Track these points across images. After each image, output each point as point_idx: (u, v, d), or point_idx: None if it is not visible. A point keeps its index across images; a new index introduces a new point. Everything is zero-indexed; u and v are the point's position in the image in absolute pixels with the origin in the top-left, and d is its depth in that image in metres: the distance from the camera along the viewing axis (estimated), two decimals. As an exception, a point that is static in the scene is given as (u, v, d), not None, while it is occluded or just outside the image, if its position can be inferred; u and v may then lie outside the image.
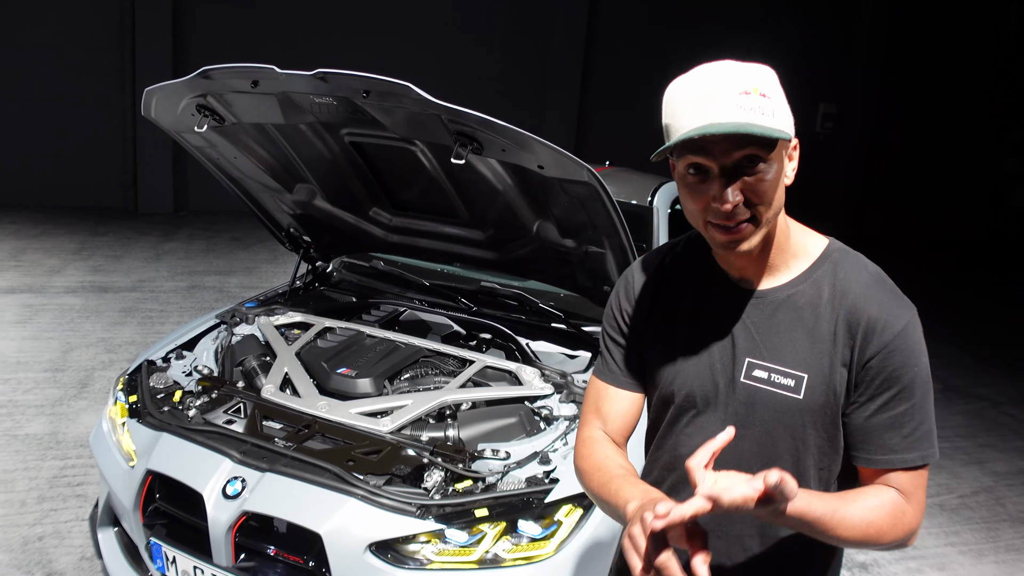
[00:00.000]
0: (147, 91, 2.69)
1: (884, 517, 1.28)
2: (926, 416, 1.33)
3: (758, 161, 1.24)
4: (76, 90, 9.98)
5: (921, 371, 1.33)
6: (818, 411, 1.34)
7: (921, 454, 1.32)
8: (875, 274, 1.39)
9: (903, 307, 1.34)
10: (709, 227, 1.30)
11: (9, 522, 3.46)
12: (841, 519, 1.24)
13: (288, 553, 2.25)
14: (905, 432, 1.32)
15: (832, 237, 1.45)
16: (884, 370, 1.31)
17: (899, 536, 1.30)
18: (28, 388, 4.79)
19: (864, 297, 1.34)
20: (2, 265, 7.30)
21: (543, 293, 3.33)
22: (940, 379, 6.45)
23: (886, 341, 1.30)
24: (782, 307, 1.37)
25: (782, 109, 1.27)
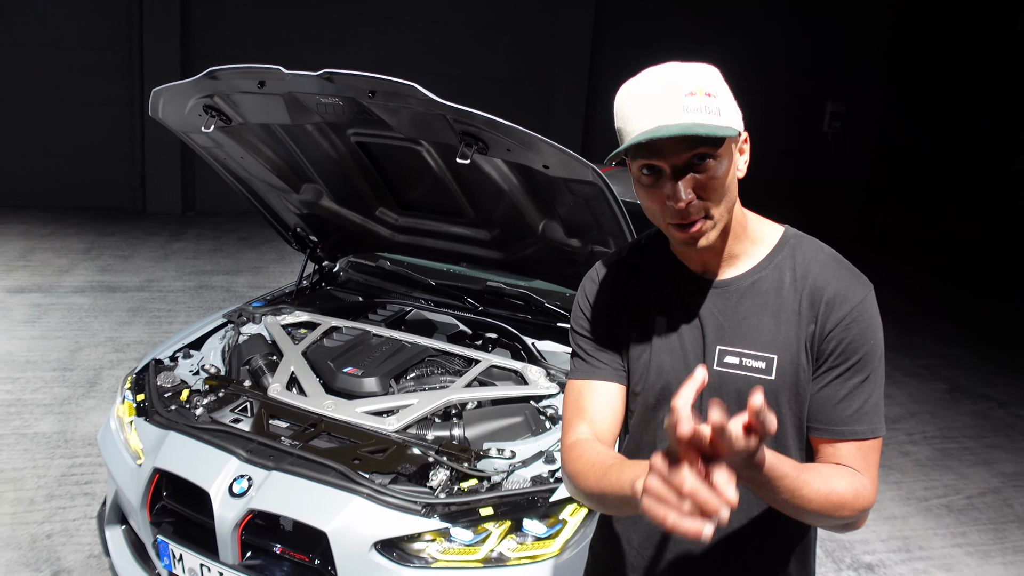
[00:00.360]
0: (155, 92, 2.71)
1: (846, 488, 1.30)
2: (876, 389, 1.37)
3: (707, 158, 1.27)
4: (85, 91, 10.02)
5: (877, 344, 1.37)
6: (790, 389, 1.38)
7: (871, 427, 1.36)
8: (832, 254, 1.43)
9: (861, 283, 1.39)
10: (669, 226, 1.34)
11: (18, 520, 3.48)
12: (805, 481, 1.23)
13: (294, 551, 2.27)
14: (857, 404, 1.36)
15: (787, 224, 1.48)
16: (844, 340, 1.35)
17: (858, 509, 1.32)
18: (37, 387, 4.81)
19: (824, 275, 1.38)
20: (12, 265, 7.33)
21: (549, 293, 3.34)
22: (947, 379, 6.44)
23: (845, 312, 1.35)
24: (747, 294, 1.40)
25: (728, 105, 1.29)
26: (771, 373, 1.38)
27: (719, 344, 1.40)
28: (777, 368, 1.37)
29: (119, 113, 10.20)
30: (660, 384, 1.46)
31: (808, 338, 1.36)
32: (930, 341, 7.48)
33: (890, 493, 4.43)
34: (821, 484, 1.26)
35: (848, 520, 1.34)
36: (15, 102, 9.81)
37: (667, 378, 1.45)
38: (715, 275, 1.43)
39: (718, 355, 1.41)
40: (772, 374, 1.38)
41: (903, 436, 5.23)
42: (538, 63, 11.59)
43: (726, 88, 1.31)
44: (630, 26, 11.67)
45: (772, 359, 1.37)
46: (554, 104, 11.66)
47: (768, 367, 1.38)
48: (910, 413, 5.64)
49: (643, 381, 1.47)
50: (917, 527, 4.10)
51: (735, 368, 1.39)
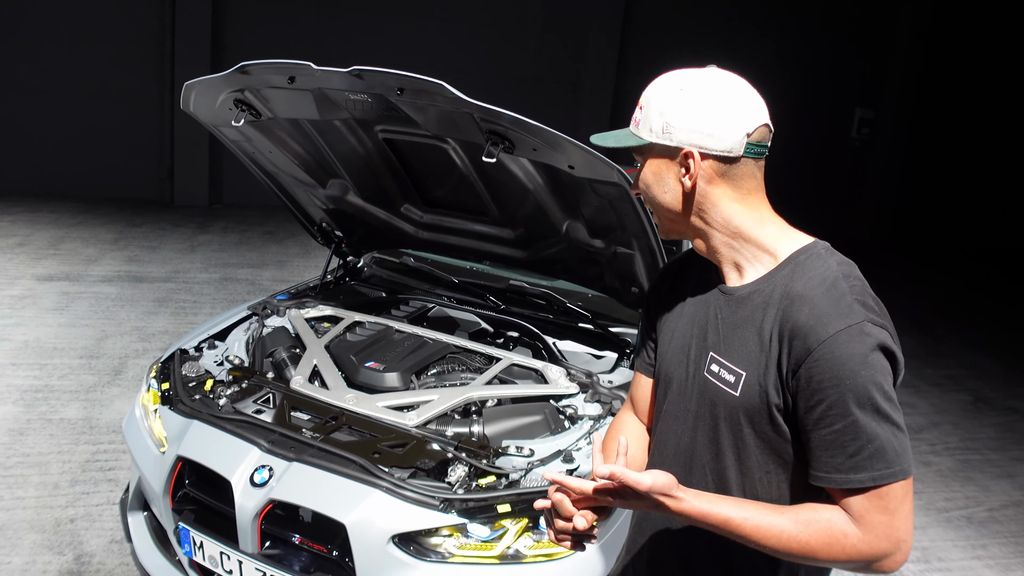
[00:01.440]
0: (186, 85, 2.74)
1: (812, 536, 1.26)
2: (873, 434, 1.24)
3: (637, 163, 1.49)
4: (116, 84, 10.15)
5: (856, 386, 1.23)
6: (753, 411, 1.35)
7: (871, 474, 1.25)
8: (829, 279, 1.31)
9: (840, 315, 1.26)
10: None
11: (43, 504, 3.54)
12: (754, 527, 1.27)
13: (312, 542, 2.29)
14: (849, 451, 1.25)
15: (819, 240, 1.41)
16: (811, 382, 1.26)
17: (839, 557, 1.27)
18: (64, 374, 4.89)
19: (800, 301, 1.30)
20: (41, 253, 7.44)
21: (571, 293, 3.35)
22: (972, 390, 6.37)
23: (810, 348, 1.26)
24: (743, 305, 1.41)
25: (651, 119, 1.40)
26: (736, 389, 1.37)
27: (712, 351, 1.44)
28: (743, 386, 1.36)
29: (150, 106, 10.32)
30: (663, 378, 1.56)
31: (775, 366, 1.31)
32: (956, 351, 7.41)
33: (910, 503, 4.39)
34: (777, 532, 1.27)
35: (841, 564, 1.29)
36: (49, 95, 9.95)
37: (671, 374, 1.53)
38: (727, 282, 1.46)
39: (708, 361, 1.44)
40: (737, 390, 1.37)
41: (925, 446, 5.18)
42: (565, 62, 11.58)
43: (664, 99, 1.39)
44: (658, 26, 11.63)
45: (741, 375, 1.36)
46: (581, 104, 11.64)
47: (736, 382, 1.37)
48: (932, 423, 5.59)
49: (659, 373, 1.59)
50: (936, 538, 4.07)
51: (714, 377, 1.42)
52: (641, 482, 1.25)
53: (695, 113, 1.35)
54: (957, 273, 11.29)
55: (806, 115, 11.98)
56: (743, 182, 1.38)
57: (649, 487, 1.26)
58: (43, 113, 9.98)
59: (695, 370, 1.47)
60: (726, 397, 1.39)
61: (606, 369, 2.94)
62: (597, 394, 2.69)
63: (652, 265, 2.69)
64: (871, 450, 1.24)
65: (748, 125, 1.35)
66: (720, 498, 1.32)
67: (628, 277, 2.92)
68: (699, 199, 1.39)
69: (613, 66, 11.60)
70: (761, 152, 1.38)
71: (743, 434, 1.38)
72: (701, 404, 1.45)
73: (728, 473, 1.41)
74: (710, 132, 1.34)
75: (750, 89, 1.39)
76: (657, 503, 1.28)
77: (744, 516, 1.27)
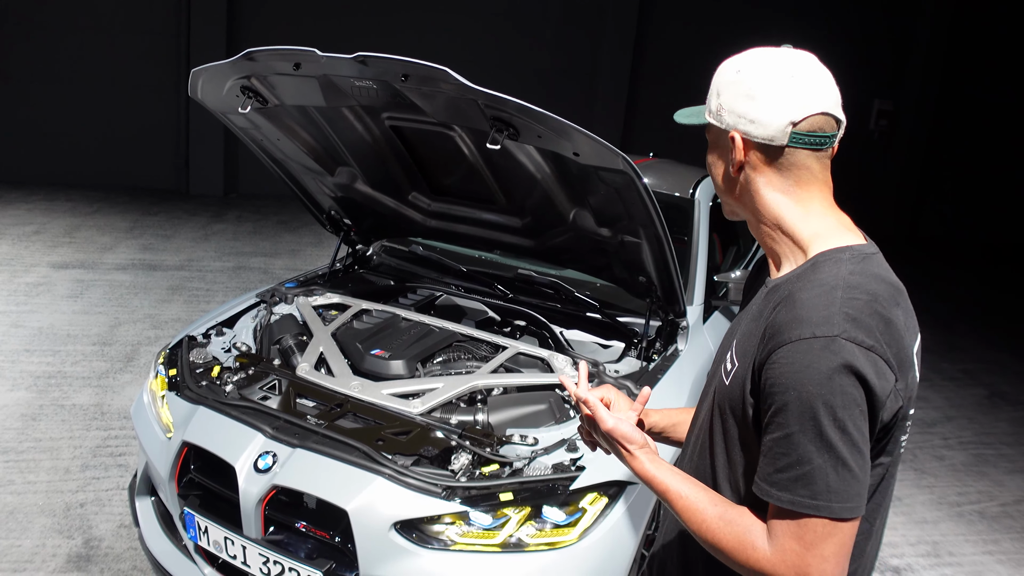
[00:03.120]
0: (194, 72, 2.74)
1: (727, 535, 1.23)
2: (805, 457, 1.14)
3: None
4: (132, 74, 10.20)
5: (801, 399, 1.14)
6: (732, 404, 1.32)
7: (791, 498, 1.16)
8: (828, 285, 1.22)
9: (814, 323, 1.17)
10: None
11: (53, 488, 3.57)
12: (684, 507, 1.30)
13: (315, 528, 2.30)
14: (779, 464, 1.17)
15: (855, 244, 1.32)
16: (766, 383, 1.20)
17: (743, 565, 1.22)
18: (77, 360, 4.92)
19: (788, 302, 1.24)
20: (57, 241, 7.50)
21: (579, 282, 3.34)
22: (988, 385, 6.31)
23: (771, 349, 1.20)
24: (767, 299, 1.37)
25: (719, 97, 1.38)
26: (728, 378, 1.35)
27: (737, 339, 1.41)
28: (732, 377, 1.33)
29: (166, 96, 10.36)
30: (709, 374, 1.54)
31: (753, 362, 1.27)
32: (973, 345, 7.34)
33: (922, 497, 4.36)
34: (699, 519, 1.27)
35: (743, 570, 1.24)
36: (67, 84, 10.01)
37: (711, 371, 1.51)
38: (771, 274, 1.43)
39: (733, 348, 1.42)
40: (728, 380, 1.35)
41: (938, 440, 5.14)
42: (582, 56, 11.53)
43: (734, 80, 1.34)
44: (674, 18, 11.56)
45: (735, 366, 1.33)
46: (596, 96, 11.59)
47: (729, 372, 1.35)
48: (947, 417, 5.54)
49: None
50: (948, 532, 4.04)
51: (721, 365, 1.42)
52: (605, 420, 1.40)
53: (742, 97, 1.31)
54: (975, 267, 11.18)
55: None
56: (792, 172, 1.32)
57: (610, 428, 1.40)
58: (60, 103, 10.04)
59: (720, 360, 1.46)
60: (719, 386, 1.38)
61: (613, 359, 2.93)
62: (603, 383, 2.67)
63: (659, 254, 2.67)
64: (799, 472, 1.15)
65: (794, 114, 1.28)
66: (672, 469, 1.36)
67: (635, 266, 2.90)
68: (743, 184, 1.37)
69: (628, 58, 11.53)
70: (816, 143, 1.30)
71: (727, 426, 1.35)
72: (720, 401, 1.41)
73: (717, 462, 1.38)
74: (752, 118, 1.30)
75: (813, 74, 1.31)
76: (616, 451, 1.41)
77: (680, 491, 1.31)
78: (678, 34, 11.55)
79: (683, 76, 11.03)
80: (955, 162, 12.84)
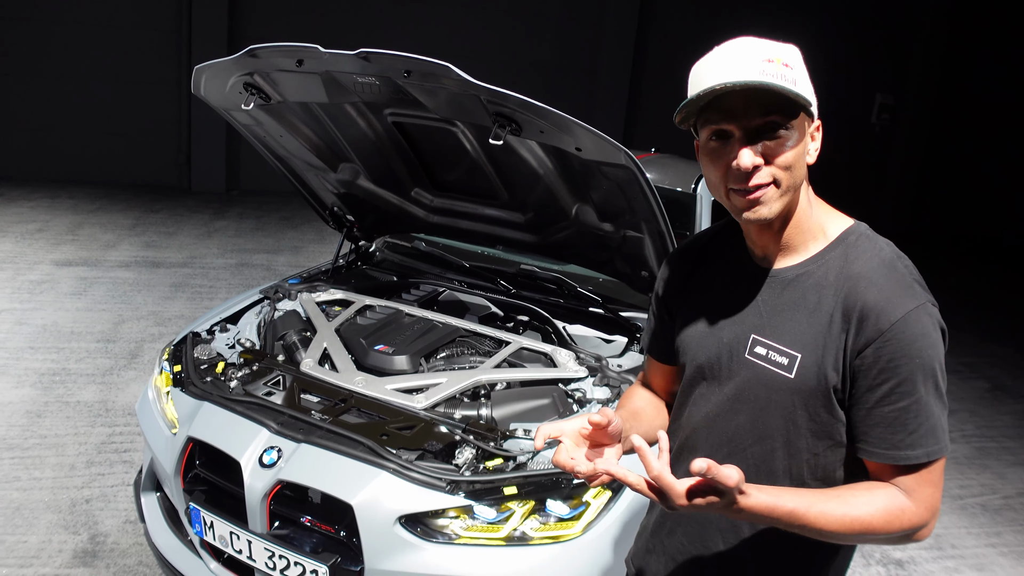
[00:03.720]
0: (197, 69, 2.75)
1: (875, 514, 1.26)
2: (931, 412, 1.28)
3: (779, 128, 1.26)
4: (135, 71, 10.21)
5: (924, 364, 1.27)
6: (809, 393, 1.33)
7: (926, 451, 1.28)
8: (886, 260, 1.33)
9: (906, 296, 1.28)
10: (731, 194, 1.32)
11: (59, 484, 3.58)
12: (819, 514, 1.23)
13: (320, 522, 2.30)
14: (910, 428, 1.27)
15: (859, 221, 1.42)
16: (879, 360, 1.27)
17: (895, 532, 1.28)
18: (81, 357, 4.94)
19: (865, 282, 1.30)
20: (60, 239, 7.51)
21: (582, 277, 3.34)
22: (989, 378, 6.32)
23: (881, 330, 1.26)
24: (790, 286, 1.37)
25: (805, 83, 1.28)
26: (791, 371, 1.34)
27: (754, 333, 1.40)
28: (799, 368, 1.33)
29: (167, 93, 10.37)
30: (696, 364, 1.50)
31: (839, 348, 1.30)
32: (974, 339, 7.34)
33: (924, 490, 4.37)
34: (840, 515, 1.24)
35: (889, 542, 1.31)
36: (68, 80, 10.02)
37: (703, 359, 1.48)
38: (770, 263, 1.42)
39: (751, 344, 1.40)
40: (792, 372, 1.34)
41: (941, 434, 5.14)
42: (582, 49, 11.53)
43: (804, 68, 1.30)
44: (675, 12, 11.55)
45: (796, 357, 1.34)
46: (598, 91, 11.59)
47: (790, 364, 1.34)
48: (949, 411, 5.53)
49: (686, 358, 1.53)
50: (950, 525, 4.05)
51: (761, 360, 1.38)
52: (731, 477, 1.12)
53: (806, 78, 1.31)
54: (977, 260, 11.19)
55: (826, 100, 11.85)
56: None
57: (737, 481, 1.13)
58: (62, 100, 10.05)
59: (732, 353, 1.43)
60: (778, 380, 1.36)
61: (616, 353, 2.94)
62: (606, 378, 2.68)
63: (662, 249, 2.68)
64: (927, 428, 1.28)
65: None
66: (777, 489, 1.25)
67: (638, 261, 2.91)
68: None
69: (630, 52, 11.53)
70: None
71: (795, 416, 1.35)
72: (744, 388, 1.41)
73: (775, 456, 1.38)
74: (813, 100, 1.31)
75: None
76: (731, 502, 1.17)
77: (807, 504, 1.23)
78: (679, 28, 11.55)
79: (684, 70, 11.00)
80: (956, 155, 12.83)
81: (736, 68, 1.23)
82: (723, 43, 1.29)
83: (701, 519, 1.50)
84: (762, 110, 1.24)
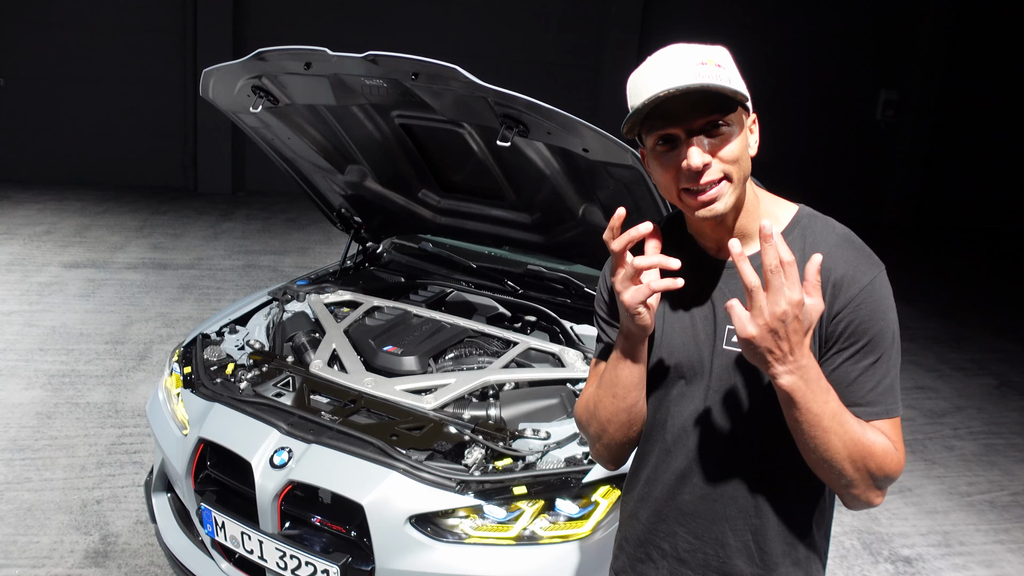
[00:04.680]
0: (205, 72, 2.76)
1: (876, 443, 1.32)
2: (891, 370, 1.37)
3: (721, 125, 1.31)
4: (140, 72, 10.24)
5: (888, 325, 1.37)
6: None
7: (886, 407, 1.37)
8: (843, 234, 1.43)
9: (870, 264, 1.38)
10: (683, 195, 1.36)
11: (70, 485, 3.61)
12: (845, 418, 1.30)
13: (331, 523, 2.32)
14: (870, 385, 1.36)
15: (801, 204, 1.49)
16: (852, 323, 1.35)
17: (880, 471, 1.33)
18: (90, 359, 4.97)
19: (832, 256, 1.37)
20: (68, 241, 7.55)
21: (588, 277, 3.35)
22: (997, 375, 6.31)
23: (853, 295, 1.35)
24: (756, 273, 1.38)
25: (738, 80, 1.33)
26: None
27: (728, 323, 1.42)
28: None
29: (173, 94, 10.40)
30: (673, 363, 1.50)
31: (821, 321, 1.36)
32: (981, 335, 7.33)
33: (932, 487, 4.38)
34: (858, 428, 1.31)
35: (866, 479, 1.33)
36: (75, 83, 10.06)
37: (678, 357, 1.49)
38: (727, 255, 1.45)
39: (727, 334, 1.44)
40: None
41: (948, 430, 5.15)
42: (586, 48, 11.52)
43: (735, 66, 1.35)
44: (679, 9, 11.54)
45: None
46: (601, 90, 11.58)
47: None
48: (956, 408, 5.55)
49: (657, 360, 1.52)
50: (959, 522, 4.05)
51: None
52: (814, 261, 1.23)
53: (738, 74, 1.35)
54: (982, 256, 11.16)
55: (830, 97, 11.86)
56: None
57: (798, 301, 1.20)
58: (69, 102, 10.09)
59: (711, 347, 1.45)
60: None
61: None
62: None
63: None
64: (886, 384, 1.37)
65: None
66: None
67: (645, 261, 2.91)
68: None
69: (633, 52, 11.52)
70: None
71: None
72: (731, 378, 1.44)
73: (772, 435, 1.41)
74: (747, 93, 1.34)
75: None
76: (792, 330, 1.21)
77: (839, 403, 1.30)
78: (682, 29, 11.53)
79: (689, 69, 10.98)
80: (961, 151, 12.80)
81: (673, 74, 1.28)
82: (655, 52, 1.35)
83: (707, 513, 1.51)
84: (703, 110, 1.30)
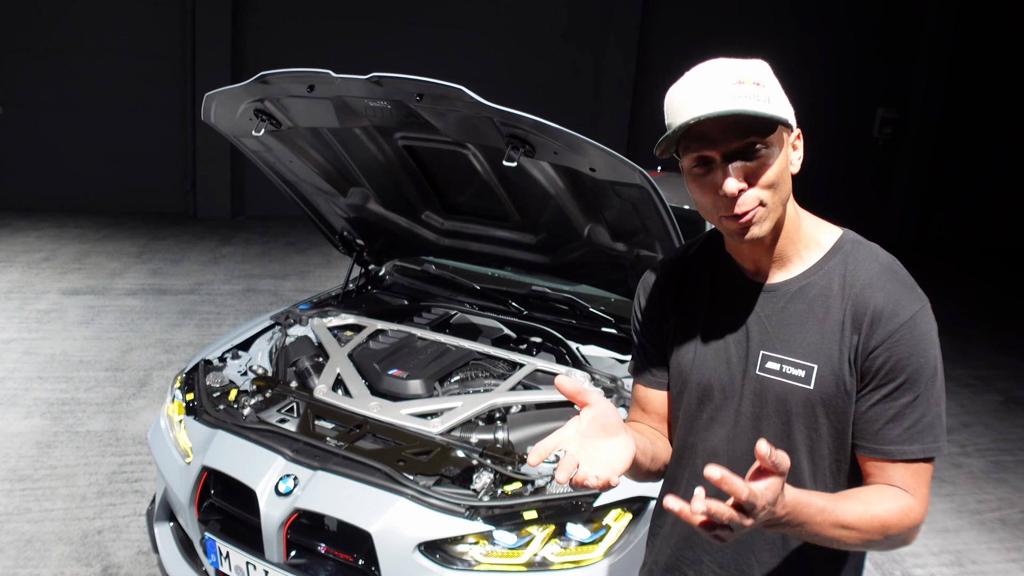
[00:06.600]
0: (207, 96, 2.75)
1: (890, 511, 1.28)
2: (930, 408, 1.32)
3: (758, 147, 1.27)
4: (139, 98, 10.26)
5: (928, 362, 1.31)
6: (829, 401, 1.35)
7: (923, 447, 1.31)
8: (886, 264, 1.37)
9: (912, 297, 1.33)
10: (721, 219, 1.33)
11: (70, 515, 3.56)
12: (844, 511, 1.24)
13: (338, 551, 2.28)
14: (907, 424, 1.31)
15: (847, 229, 1.44)
16: (889, 360, 1.31)
17: (904, 528, 1.29)
18: (90, 386, 4.92)
19: (871, 286, 1.34)
20: (67, 267, 7.52)
21: (594, 297, 3.33)
22: (1003, 391, 6.27)
23: (891, 330, 1.31)
24: (794, 299, 1.38)
25: (778, 97, 1.30)
26: (810, 382, 1.35)
27: (762, 349, 1.40)
28: (816, 378, 1.35)
29: (172, 119, 10.42)
30: (703, 385, 1.48)
31: (851, 351, 1.33)
32: (986, 351, 7.30)
33: (942, 506, 4.33)
34: (860, 510, 1.25)
35: (890, 545, 1.32)
36: (73, 108, 10.07)
37: (710, 380, 1.47)
38: (765, 277, 1.43)
39: (761, 359, 1.40)
40: (811, 383, 1.35)
41: (956, 448, 5.10)
42: (584, 69, 11.57)
43: (776, 81, 1.31)
44: (676, 30, 11.60)
45: (812, 368, 1.35)
46: (600, 109, 11.63)
47: (807, 376, 1.36)
48: (963, 424, 5.51)
49: (687, 381, 1.50)
50: (970, 540, 4.00)
51: (775, 374, 1.39)
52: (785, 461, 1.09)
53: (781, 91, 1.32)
54: (983, 273, 11.15)
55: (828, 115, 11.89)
56: None
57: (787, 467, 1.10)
58: (68, 128, 10.10)
59: (743, 372, 1.42)
60: (798, 392, 1.37)
61: (630, 374, 2.91)
62: (622, 399, 2.66)
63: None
64: (925, 423, 1.31)
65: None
66: (804, 492, 1.21)
67: (651, 280, 2.89)
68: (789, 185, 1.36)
69: (632, 72, 11.57)
70: None
71: (818, 425, 1.37)
72: (761, 404, 1.41)
73: (801, 467, 1.39)
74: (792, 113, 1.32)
75: None
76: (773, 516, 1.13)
77: (833, 502, 1.23)
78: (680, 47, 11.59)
79: (686, 89, 11.03)
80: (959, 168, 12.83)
81: (709, 96, 1.24)
82: (694, 67, 1.31)
83: (733, 543, 1.47)
84: (739, 133, 1.26)
